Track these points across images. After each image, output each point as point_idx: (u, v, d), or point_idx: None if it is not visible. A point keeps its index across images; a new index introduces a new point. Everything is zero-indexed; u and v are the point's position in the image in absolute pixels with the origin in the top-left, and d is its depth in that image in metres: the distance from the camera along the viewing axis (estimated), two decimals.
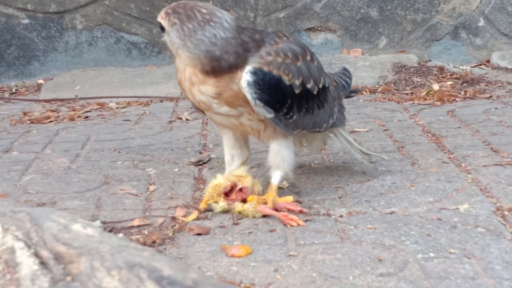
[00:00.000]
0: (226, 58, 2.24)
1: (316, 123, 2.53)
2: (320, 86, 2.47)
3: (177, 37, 2.23)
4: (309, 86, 2.41)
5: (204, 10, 2.24)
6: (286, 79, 2.32)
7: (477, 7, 4.90)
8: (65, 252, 1.47)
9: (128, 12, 4.86)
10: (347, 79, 2.85)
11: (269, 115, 2.32)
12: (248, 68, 2.26)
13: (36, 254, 1.54)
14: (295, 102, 2.38)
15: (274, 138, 2.46)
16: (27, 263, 1.51)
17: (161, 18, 2.26)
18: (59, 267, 1.46)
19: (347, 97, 2.89)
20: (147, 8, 4.85)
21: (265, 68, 2.28)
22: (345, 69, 2.95)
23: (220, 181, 2.43)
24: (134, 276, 1.25)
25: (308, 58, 2.43)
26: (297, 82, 2.36)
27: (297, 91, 2.36)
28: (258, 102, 2.27)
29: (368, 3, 4.87)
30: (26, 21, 4.86)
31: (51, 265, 1.48)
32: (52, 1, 4.83)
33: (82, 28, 4.89)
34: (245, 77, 2.25)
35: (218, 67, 2.24)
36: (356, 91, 2.99)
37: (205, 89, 2.28)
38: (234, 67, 2.25)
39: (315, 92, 2.44)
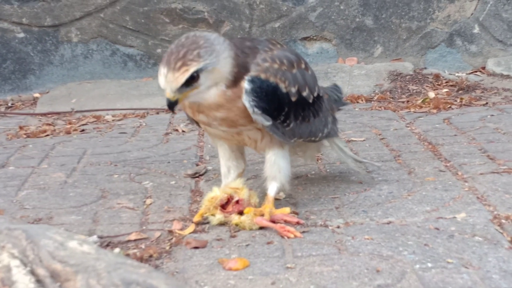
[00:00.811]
0: (236, 71, 2.25)
1: (312, 132, 2.54)
2: (315, 94, 2.49)
3: (213, 59, 2.19)
4: (304, 94, 2.42)
5: (202, 40, 2.21)
6: (282, 87, 2.33)
7: (472, 14, 4.91)
8: (62, 270, 1.46)
9: (123, 24, 4.86)
10: (339, 94, 2.88)
11: (267, 122, 2.32)
12: (247, 76, 2.27)
13: (32, 272, 1.53)
14: (292, 109, 2.38)
15: (271, 148, 2.46)
16: (23, 281, 1.50)
17: (191, 65, 2.14)
18: (56, 285, 1.45)
19: (339, 109, 2.90)
20: (142, 20, 4.85)
21: (262, 76, 2.29)
22: (335, 86, 2.98)
23: (216, 193, 2.43)
24: None
25: (303, 66, 2.45)
26: (293, 90, 2.37)
27: (293, 98, 2.37)
28: (256, 109, 2.28)
29: (363, 12, 4.88)
30: (22, 35, 4.86)
31: (48, 283, 1.47)
32: (47, 15, 4.83)
33: (77, 41, 4.90)
34: (244, 85, 2.26)
35: (232, 82, 2.25)
36: (345, 104, 3.01)
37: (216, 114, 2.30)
38: (239, 78, 2.26)
39: (310, 101, 2.45)
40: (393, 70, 4.78)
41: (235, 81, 2.26)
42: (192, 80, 2.16)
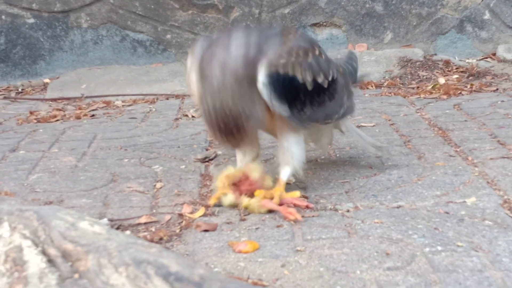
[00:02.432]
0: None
1: (328, 115, 2.56)
2: (330, 78, 2.49)
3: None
4: (320, 80, 2.43)
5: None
6: (300, 78, 2.35)
7: (482, 0, 4.88)
8: (73, 250, 1.47)
9: (133, 10, 4.86)
10: (353, 63, 2.87)
11: (285, 113, 2.34)
12: (263, 71, 2.27)
13: (44, 252, 1.54)
14: (308, 98, 2.40)
15: (286, 134, 2.47)
16: (34, 261, 1.51)
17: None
18: (67, 264, 1.46)
19: (354, 82, 2.88)
20: (152, 6, 4.85)
21: (281, 70, 2.30)
22: (350, 53, 2.98)
23: (231, 171, 2.44)
24: (142, 273, 1.25)
25: (317, 52, 2.45)
26: (309, 79, 2.38)
27: (310, 87, 2.39)
28: (274, 102, 2.29)
29: None
30: (32, 20, 4.87)
31: (59, 262, 1.48)
32: (57, 0, 4.84)
33: (87, 26, 4.90)
34: (261, 79, 2.27)
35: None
36: (364, 78, 3.01)
37: None
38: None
39: (325, 86, 2.46)
40: (403, 56, 4.76)
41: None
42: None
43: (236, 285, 1.15)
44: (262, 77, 2.27)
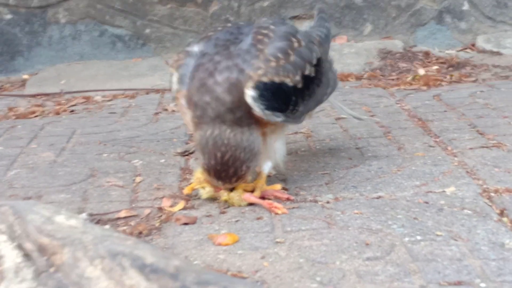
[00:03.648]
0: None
1: (318, 101, 2.57)
2: (314, 63, 2.44)
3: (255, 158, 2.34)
4: (307, 72, 2.39)
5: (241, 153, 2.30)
6: (288, 81, 2.31)
7: None
8: (49, 244, 1.46)
9: (111, 4, 4.83)
10: (326, 23, 2.83)
11: (279, 119, 2.31)
12: (249, 84, 2.23)
13: (20, 247, 1.53)
14: (299, 96, 2.38)
15: (271, 132, 2.44)
16: (10, 256, 1.50)
17: (246, 177, 2.33)
18: (43, 259, 1.45)
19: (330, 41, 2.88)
20: (131, 1, 4.82)
21: (264, 79, 2.25)
22: (321, 11, 2.94)
23: None
24: (117, 265, 1.24)
25: (296, 45, 2.38)
26: (298, 78, 2.34)
27: (300, 85, 2.35)
28: (266, 112, 2.26)
29: None
30: (9, 16, 4.83)
31: (35, 257, 1.47)
32: None
33: (65, 22, 4.87)
34: (248, 93, 2.23)
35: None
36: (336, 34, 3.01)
37: None
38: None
39: (313, 74, 2.43)
40: (383, 48, 4.77)
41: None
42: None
43: (211, 276, 1.14)
44: (250, 92, 2.22)
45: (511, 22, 4.92)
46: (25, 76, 4.84)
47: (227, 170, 2.25)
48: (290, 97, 2.33)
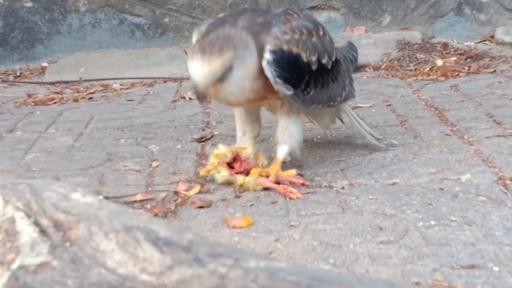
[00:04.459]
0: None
1: (331, 97, 2.56)
2: (333, 59, 2.50)
3: (246, 53, 2.25)
4: (324, 61, 2.44)
5: (234, 35, 2.24)
6: (304, 56, 2.35)
7: None
8: (64, 220, 1.48)
9: None
10: (354, 53, 2.88)
11: (289, 92, 2.33)
12: (268, 47, 2.27)
13: (36, 223, 1.55)
14: (312, 77, 2.41)
15: (287, 115, 2.46)
16: (27, 231, 1.52)
17: (228, 57, 2.19)
18: (59, 234, 1.46)
19: (354, 71, 2.89)
20: None
21: (285, 47, 2.30)
22: (350, 44, 2.98)
23: (222, 150, 2.44)
24: (131, 238, 1.25)
25: (321, 33, 2.46)
26: (314, 59, 2.39)
27: (314, 67, 2.39)
28: (278, 79, 2.28)
29: None
30: (30, 4, 4.86)
31: (51, 232, 1.49)
32: None
33: (85, 10, 4.89)
34: (265, 56, 2.26)
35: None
36: (364, 66, 3.01)
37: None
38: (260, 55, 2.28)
39: (329, 67, 2.47)
40: (401, 39, 4.76)
41: (259, 62, 2.27)
42: (227, 72, 2.18)
43: (223, 249, 1.15)
44: (266, 54, 2.26)
45: None
46: (45, 64, 4.88)
47: (213, 45, 2.17)
48: (303, 75, 2.36)
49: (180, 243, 1.19)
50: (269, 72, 2.27)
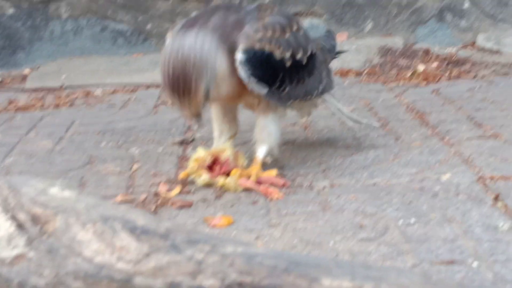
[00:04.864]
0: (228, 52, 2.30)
1: (308, 91, 2.56)
2: (308, 54, 2.49)
3: (211, 72, 2.22)
4: (298, 56, 2.43)
5: (191, 59, 2.17)
6: (277, 54, 2.35)
7: None
8: (42, 213, 1.47)
9: (113, 0, 4.85)
10: (332, 41, 2.88)
11: (263, 90, 2.33)
12: (240, 47, 2.27)
13: (13, 218, 1.54)
14: (287, 74, 2.40)
15: (264, 112, 2.47)
16: (3, 226, 1.51)
17: (199, 90, 2.16)
18: (36, 227, 1.46)
19: (333, 58, 2.90)
20: None
21: (257, 46, 2.29)
22: (328, 32, 2.99)
23: (201, 154, 2.44)
24: (109, 228, 1.25)
25: (295, 28, 2.46)
26: (288, 55, 2.38)
27: (288, 64, 2.39)
28: (251, 79, 2.28)
29: None
30: (11, 10, 4.85)
31: (28, 226, 1.48)
32: None
33: (67, 17, 4.88)
34: (237, 56, 2.26)
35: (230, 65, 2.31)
36: (341, 52, 3.00)
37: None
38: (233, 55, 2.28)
39: (304, 62, 2.47)
40: (383, 45, 4.77)
41: (232, 62, 2.26)
42: (207, 94, 2.19)
43: (201, 236, 1.15)
44: (239, 54, 2.26)
45: (511, 20, 4.93)
46: (26, 71, 4.85)
47: (178, 81, 2.14)
48: (277, 72, 2.36)
49: (158, 231, 1.19)
50: (242, 71, 2.27)
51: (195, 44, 2.15)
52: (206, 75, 2.15)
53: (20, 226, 1.50)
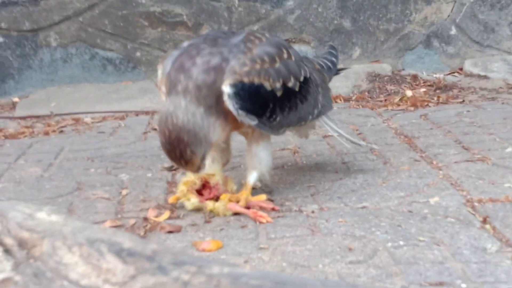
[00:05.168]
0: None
1: (301, 117, 2.54)
2: (302, 79, 2.46)
3: (204, 143, 2.27)
4: (290, 84, 2.39)
5: (185, 134, 2.22)
6: (267, 85, 2.31)
7: (449, 15, 4.95)
8: (29, 237, 1.46)
9: (102, 28, 4.87)
10: (333, 58, 2.87)
11: (253, 122, 2.31)
12: (227, 82, 2.24)
13: (1, 243, 1.53)
14: (278, 104, 2.37)
15: (257, 141, 2.47)
16: None
17: (196, 158, 2.24)
18: (23, 252, 1.45)
19: (336, 74, 2.91)
20: (121, 24, 4.86)
21: (245, 79, 2.25)
22: (331, 47, 2.97)
23: (190, 177, 2.44)
24: (95, 251, 1.25)
25: (285, 55, 2.41)
26: (278, 85, 2.34)
27: (279, 93, 2.35)
28: (240, 112, 2.25)
29: (340, 14, 4.91)
30: (0, 39, 4.86)
31: (15, 251, 1.47)
32: (26, 19, 4.83)
33: (56, 45, 4.90)
34: (225, 90, 2.24)
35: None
36: (343, 69, 3.02)
37: None
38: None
39: (297, 89, 2.43)
40: (371, 71, 4.80)
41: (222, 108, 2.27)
42: (203, 157, 2.26)
43: (187, 257, 1.15)
44: (226, 89, 2.23)
45: (498, 46, 4.98)
46: (16, 99, 4.85)
47: (174, 151, 2.20)
48: (267, 103, 2.33)
49: (144, 253, 1.19)
50: (231, 105, 2.24)
51: (186, 114, 2.20)
52: (201, 143, 2.22)
53: (7, 251, 1.50)
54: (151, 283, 1.13)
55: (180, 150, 2.20)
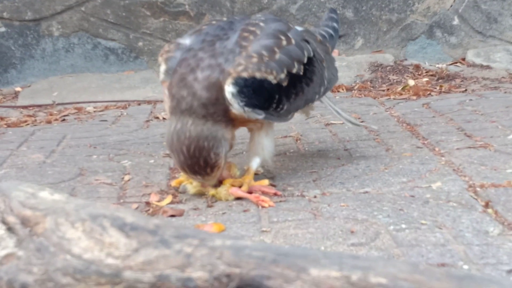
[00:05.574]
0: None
1: (308, 99, 2.54)
2: (305, 61, 2.42)
3: (223, 146, 2.30)
4: (294, 71, 2.37)
5: (205, 142, 2.26)
6: (271, 78, 2.28)
7: (451, 5, 4.95)
8: (31, 215, 1.47)
9: (104, 18, 4.87)
10: (334, 24, 2.85)
11: (260, 116, 2.30)
12: (228, 81, 2.23)
13: (3, 221, 1.54)
14: (283, 94, 2.35)
15: (261, 128, 2.47)
16: None
17: (219, 165, 2.30)
18: (26, 229, 1.46)
19: (338, 39, 2.90)
20: (124, 14, 4.86)
21: (244, 74, 2.23)
22: (332, 11, 2.94)
23: None
24: (98, 226, 1.25)
25: (284, 43, 2.36)
26: (283, 76, 2.32)
27: (284, 83, 2.33)
28: (246, 108, 2.25)
29: (343, 4, 4.91)
30: (3, 29, 4.86)
31: (18, 229, 1.48)
32: (28, 9, 4.84)
33: (58, 35, 4.90)
34: (228, 89, 2.23)
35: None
36: (344, 35, 3.00)
37: None
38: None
39: (301, 73, 2.40)
40: (374, 61, 4.80)
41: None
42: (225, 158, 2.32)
43: (190, 230, 1.15)
44: (229, 88, 2.22)
45: (500, 36, 4.97)
46: (18, 89, 4.86)
47: (198, 162, 2.24)
48: (273, 95, 2.31)
49: (146, 227, 1.19)
50: (235, 104, 2.23)
51: (196, 127, 2.24)
52: (221, 142, 2.26)
53: (9, 229, 1.50)
54: (154, 255, 1.13)
55: (204, 158, 2.23)
